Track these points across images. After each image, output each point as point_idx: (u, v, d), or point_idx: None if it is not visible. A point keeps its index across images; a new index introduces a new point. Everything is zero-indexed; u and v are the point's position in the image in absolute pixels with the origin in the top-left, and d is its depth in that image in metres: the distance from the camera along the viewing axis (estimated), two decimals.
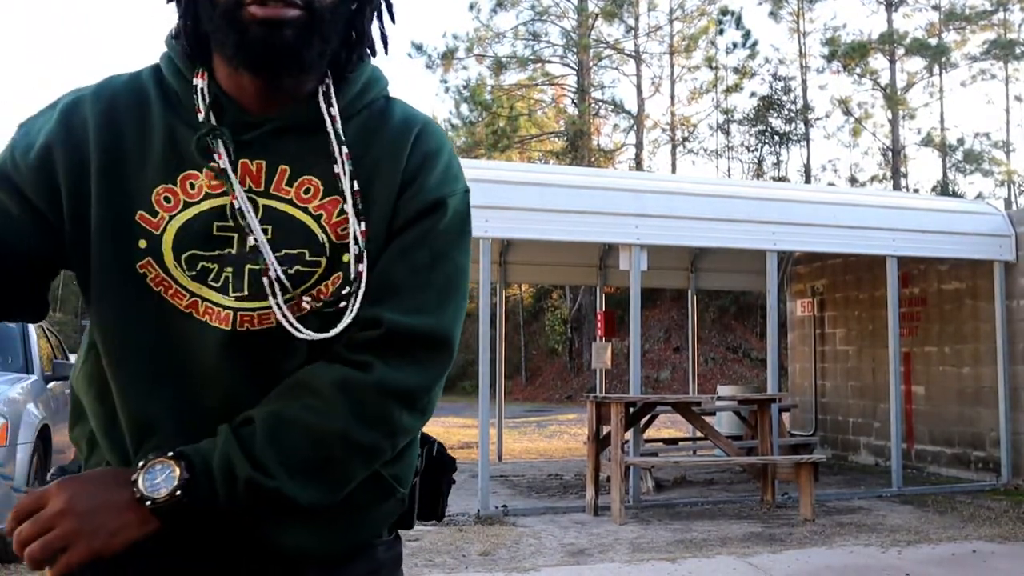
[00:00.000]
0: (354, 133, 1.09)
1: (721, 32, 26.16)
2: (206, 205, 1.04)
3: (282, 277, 1.03)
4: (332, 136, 1.07)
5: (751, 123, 26.84)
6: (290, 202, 1.05)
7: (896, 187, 25.13)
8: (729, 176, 27.14)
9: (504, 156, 23.49)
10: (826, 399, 10.93)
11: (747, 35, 25.83)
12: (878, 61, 25.27)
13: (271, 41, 0.98)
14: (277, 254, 1.04)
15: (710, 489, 8.27)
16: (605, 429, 6.88)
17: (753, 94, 27.43)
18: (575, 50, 25.12)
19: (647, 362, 21.52)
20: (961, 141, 26.49)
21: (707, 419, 8.10)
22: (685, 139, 27.84)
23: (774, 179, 25.99)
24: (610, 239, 7.84)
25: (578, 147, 23.86)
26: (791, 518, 6.71)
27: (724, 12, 25.75)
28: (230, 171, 1.03)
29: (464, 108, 25.18)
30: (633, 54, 25.96)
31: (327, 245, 1.05)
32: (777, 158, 28.01)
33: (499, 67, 24.89)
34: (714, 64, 26.58)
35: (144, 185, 1.04)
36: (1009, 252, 8.42)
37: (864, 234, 8.03)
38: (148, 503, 0.94)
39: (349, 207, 1.05)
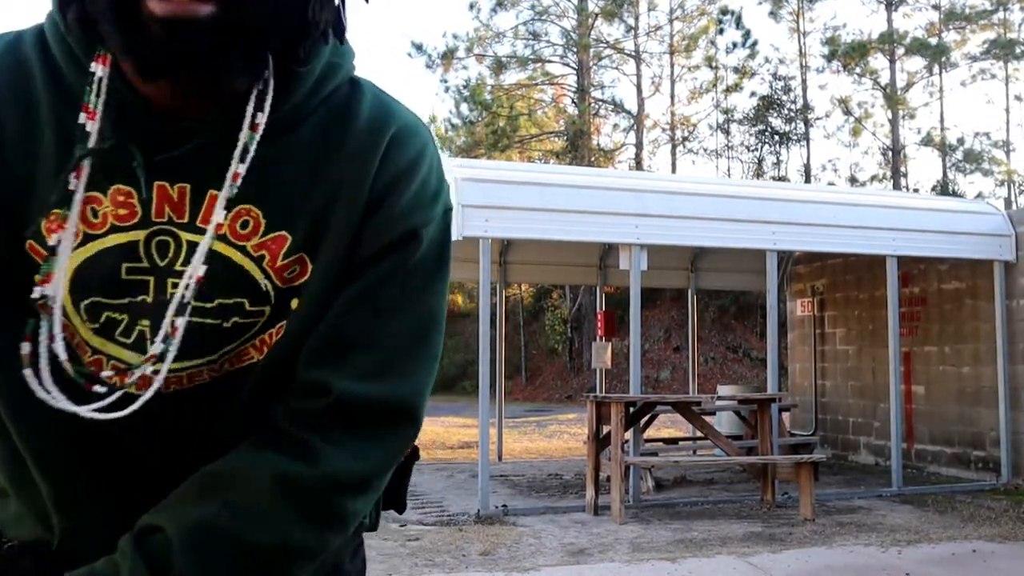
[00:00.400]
0: (311, 140, 0.84)
1: (721, 32, 26.17)
2: (112, 240, 0.80)
3: (176, 329, 0.80)
4: (237, 150, 0.79)
5: (751, 123, 26.84)
6: (223, 238, 0.82)
7: (896, 187, 25.13)
8: (729, 176, 27.14)
9: (504, 156, 23.49)
10: (826, 399, 10.93)
11: (747, 35, 25.85)
12: (878, 61, 25.29)
13: (174, 47, 0.71)
14: (208, 304, 0.82)
15: (710, 489, 8.27)
16: (605, 429, 6.88)
17: (753, 94, 27.46)
18: (575, 50, 25.12)
19: (647, 362, 21.52)
20: (961, 141, 26.50)
21: (707, 419, 8.10)
22: (685, 139, 27.85)
23: (774, 179, 25.99)
24: (610, 239, 7.84)
25: (578, 147, 23.86)
26: (791, 518, 6.71)
27: (724, 12, 25.75)
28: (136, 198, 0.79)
29: (464, 108, 25.20)
30: (633, 54, 25.96)
31: (271, 292, 0.83)
32: (777, 158, 28.02)
33: (499, 67, 24.89)
34: (714, 64, 26.59)
35: (32, 205, 0.79)
36: (1009, 252, 8.42)
37: (864, 234, 8.03)
38: None
39: (210, 232, 0.80)
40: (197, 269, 0.79)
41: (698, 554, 5.48)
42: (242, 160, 0.80)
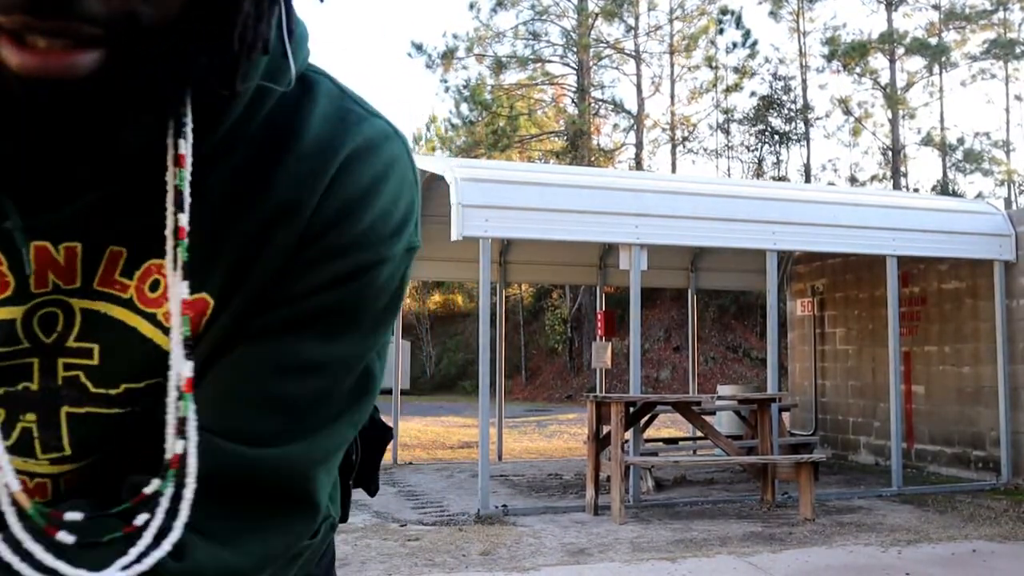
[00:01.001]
0: (239, 173, 0.64)
1: (721, 32, 26.18)
2: None
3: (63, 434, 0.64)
4: (170, 195, 0.60)
5: (751, 123, 26.85)
6: (128, 303, 0.63)
7: (896, 187, 25.13)
8: (729, 176, 27.14)
9: (504, 156, 23.49)
10: (826, 399, 10.93)
11: (747, 35, 25.86)
12: (878, 61, 25.29)
13: (42, 109, 0.52)
14: (113, 390, 0.64)
15: (710, 489, 8.27)
16: (605, 429, 6.88)
17: (753, 94, 27.45)
18: (575, 50, 25.12)
19: (647, 362, 21.53)
20: (961, 141, 26.50)
21: (707, 419, 8.10)
22: (685, 139, 27.85)
23: (774, 179, 26.00)
24: (610, 239, 7.84)
25: (578, 147, 23.87)
26: (791, 518, 6.71)
27: (724, 12, 25.76)
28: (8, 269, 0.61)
29: (464, 108, 25.21)
30: (633, 54, 25.97)
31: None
32: (777, 158, 28.02)
33: (499, 67, 24.89)
34: (714, 64, 26.59)
35: None
36: (1009, 252, 8.42)
37: (864, 234, 8.03)
38: None
39: (175, 312, 0.61)
40: (183, 370, 0.61)
41: (698, 554, 5.48)
42: (179, 206, 0.60)
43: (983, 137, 26.53)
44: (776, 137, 26.80)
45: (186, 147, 0.60)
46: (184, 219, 0.60)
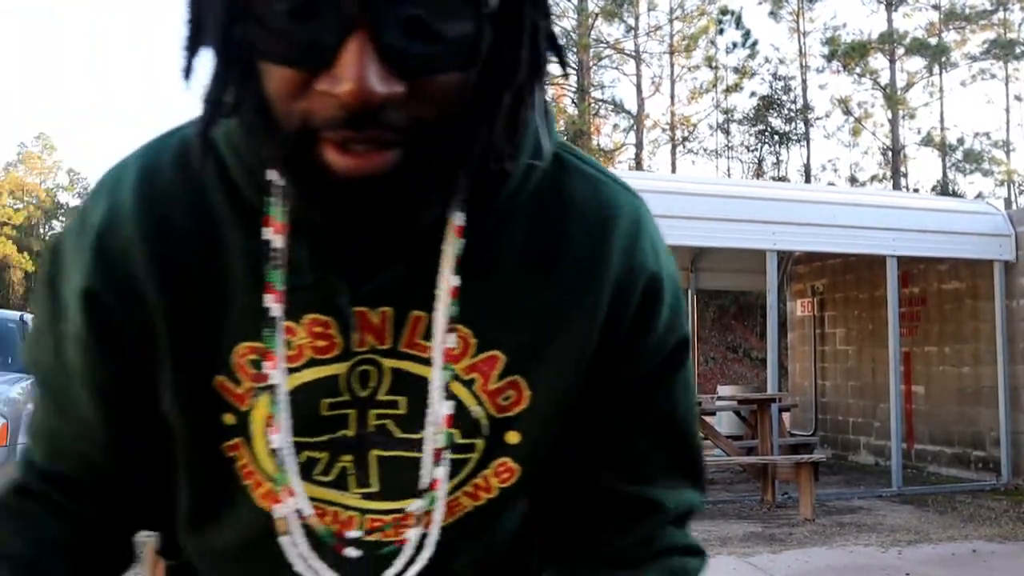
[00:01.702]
0: (520, 241, 0.73)
1: (721, 32, 26.18)
2: (310, 375, 0.71)
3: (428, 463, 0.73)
4: (448, 261, 0.70)
5: (751, 123, 26.86)
6: (428, 362, 0.72)
7: (896, 187, 25.13)
8: (729, 176, 27.15)
9: None
10: (826, 399, 10.93)
11: (747, 35, 25.86)
12: (878, 61, 25.29)
13: (358, 201, 0.62)
14: (413, 435, 0.73)
15: (710, 489, 8.27)
16: None
17: (753, 94, 27.45)
18: (575, 49, 25.11)
19: None
20: (961, 141, 26.51)
21: (707, 419, 8.10)
22: (685, 139, 27.85)
23: (774, 179, 26.00)
24: None
25: (578, 146, 23.87)
26: (791, 518, 6.71)
27: (724, 12, 25.76)
28: (339, 327, 0.71)
29: None
30: (633, 54, 25.97)
31: (483, 421, 0.74)
32: (777, 158, 28.04)
33: None
34: (714, 64, 26.59)
35: (221, 339, 0.71)
36: (1009, 252, 8.42)
37: (864, 234, 8.03)
38: None
39: (437, 362, 0.71)
40: (441, 409, 0.71)
41: None
42: (454, 270, 0.70)
43: (983, 137, 26.56)
44: (776, 137, 26.80)
45: (461, 219, 0.69)
46: (455, 280, 0.70)
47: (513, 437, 0.75)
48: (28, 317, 6.81)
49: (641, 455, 0.80)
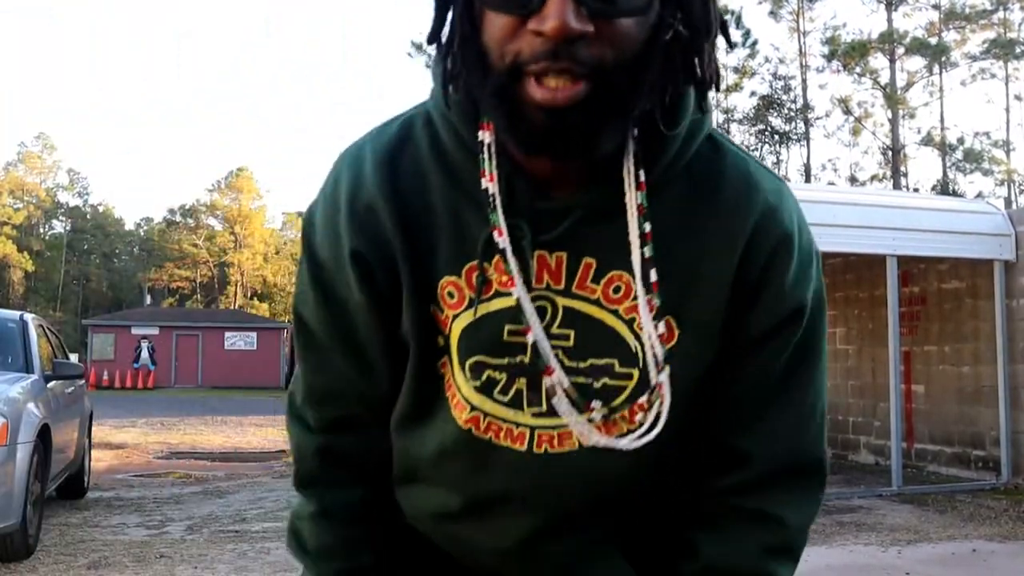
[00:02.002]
0: (677, 205, 0.87)
1: None
2: (496, 305, 0.86)
3: (566, 386, 0.86)
4: (633, 226, 0.84)
5: (751, 122, 26.85)
6: (596, 302, 0.86)
7: (896, 186, 25.14)
8: None
9: None
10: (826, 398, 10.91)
11: (747, 34, 25.83)
12: (878, 60, 25.31)
13: (553, 128, 0.76)
14: (581, 364, 0.87)
15: None
16: None
17: (753, 93, 27.46)
18: None
19: None
20: (961, 140, 26.53)
21: None
22: None
23: None
24: None
25: None
26: None
27: (724, 11, 25.71)
28: (514, 269, 0.84)
29: None
30: None
31: (639, 354, 0.87)
32: (777, 157, 28.04)
33: None
34: None
35: (431, 276, 0.88)
36: (1009, 251, 8.42)
37: (864, 233, 8.03)
38: None
39: (641, 303, 0.85)
40: (655, 330, 0.85)
41: None
42: (646, 219, 0.84)
43: (983, 137, 26.60)
44: (776, 137, 26.81)
45: (640, 196, 0.84)
46: (647, 226, 0.84)
47: (665, 367, 0.86)
48: (28, 317, 6.81)
49: (745, 408, 0.92)
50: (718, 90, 0.87)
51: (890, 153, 25.85)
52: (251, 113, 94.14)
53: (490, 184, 0.84)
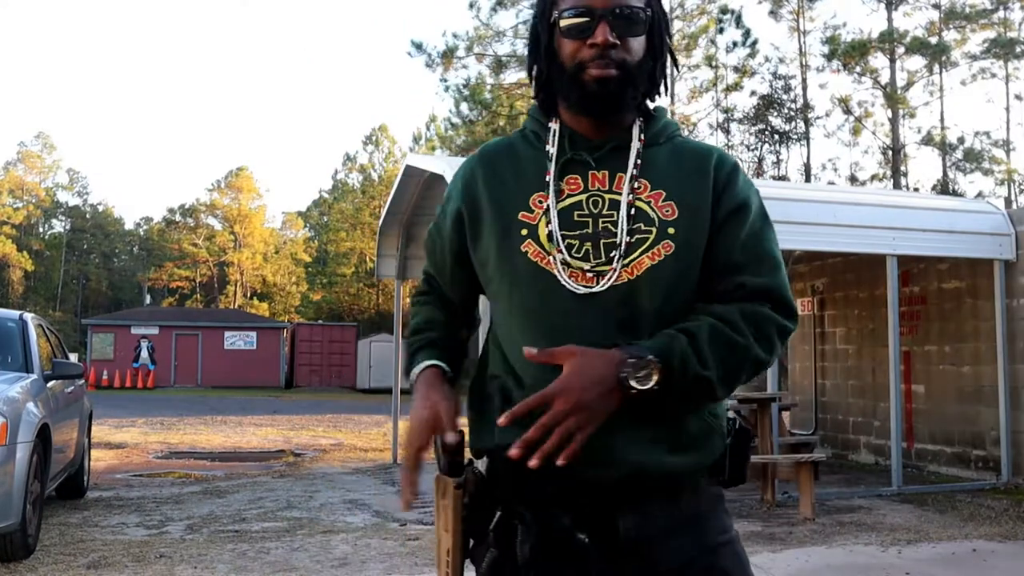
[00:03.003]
0: (667, 154, 1.51)
1: (721, 31, 26.12)
2: (569, 200, 1.47)
3: (622, 244, 1.42)
4: (632, 154, 1.48)
5: (751, 122, 26.83)
6: (627, 195, 1.46)
7: (896, 186, 25.13)
8: None
9: None
10: (826, 398, 10.93)
11: (747, 34, 25.78)
12: (878, 60, 25.27)
13: (601, 92, 1.43)
14: (620, 231, 1.44)
15: None
16: None
17: (753, 93, 27.39)
18: None
19: None
20: (961, 140, 26.49)
21: None
22: None
23: (774, 178, 25.98)
24: None
25: None
26: (791, 517, 6.70)
27: (724, 11, 25.71)
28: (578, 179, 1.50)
29: (464, 107, 25.15)
30: None
31: (656, 220, 1.44)
32: (777, 157, 28.02)
33: (499, 66, 24.86)
34: (714, 63, 26.55)
35: (524, 195, 1.49)
36: (1009, 251, 8.42)
37: (864, 233, 8.03)
38: (632, 391, 1.30)
39: (625, 192, 1.45)
40: (624, 212, 1.45)
41: None
42: (638, 158, 1.48)
43: (983, 136, 26.54)
44: (776, 136, 26.78)
45: (639, 141, 1.50)
46: (637, 159, 1.49)
47: (670, 229, 1.43)
48: (28, 316, 6.80)
49: (734, 261, 1.46)
50: (665, 93, 1.57)
51: (890, 153, 25.83)
52: (251, 113, 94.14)
53: (551, 149, 1.51)
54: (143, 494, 7.88)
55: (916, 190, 26.01)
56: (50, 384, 6.32)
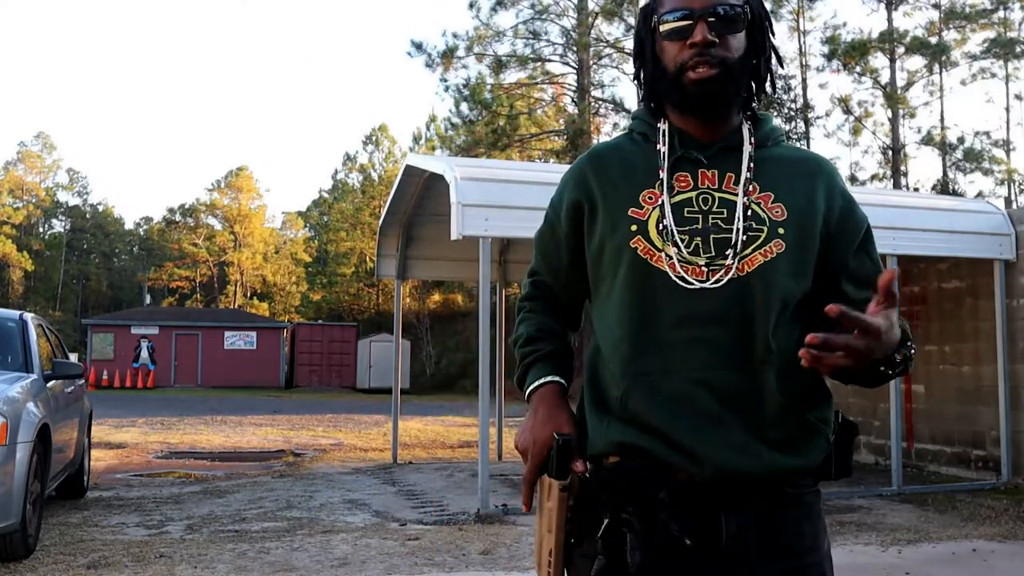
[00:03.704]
0: (775, 158, 1.55)
1: None
2: (679, 197, 1.49)
3: (737, 242, 1.45)
4: (745, 156, 1.52)
5: None
6: (737, 195, 1.49)
7: (896, 186, 25.13)
8: None
9: (504, 155, 23.46)
10: None
11: None
12: (878, 60, 25.25)
13: (703, 92, 1.46)
14: (731, 226, 1.47)
15: None
16: None
17: None
18: (575, 49, 25.09)
19: None
20: (961, 140, 26.46)
21: None
22: None
23: None
24: None
25: (578, 146, 23.82)
26: None
27: None
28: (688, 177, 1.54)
29: (464, 107, 25.14)
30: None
31: (767, 220, 1.48)
32: None
33: (499, 66, 24.86)
34: None
35: (633, 192, 1.51)
36: (1009, 251, 8.42)
37: None
38: (891, 368, 1.43)
39: (740, 192, 1.49)
40: (738, 211, 1.49)
41: None
42: (751, 160, 1.51)
43: (983, 136, 26.50)
44: None
45: (749, 143, 1.53)
46: (749, 167, 1.51)
47: (780, 229, 1.47)
48: (28, 316, 6.80)
49: (861, 273, 1.52)
50: (772, 91, 1.62)
51: (890, 153, 25.82)
52: (251, 113, 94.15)
53: (662, 148, 1.53)
54: (143, 494, 7.88)
55: (916, 190, 26.01)
56: (50, 384, 6.32)
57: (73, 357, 17.16)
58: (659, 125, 1.54)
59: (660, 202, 1.48)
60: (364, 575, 5.00)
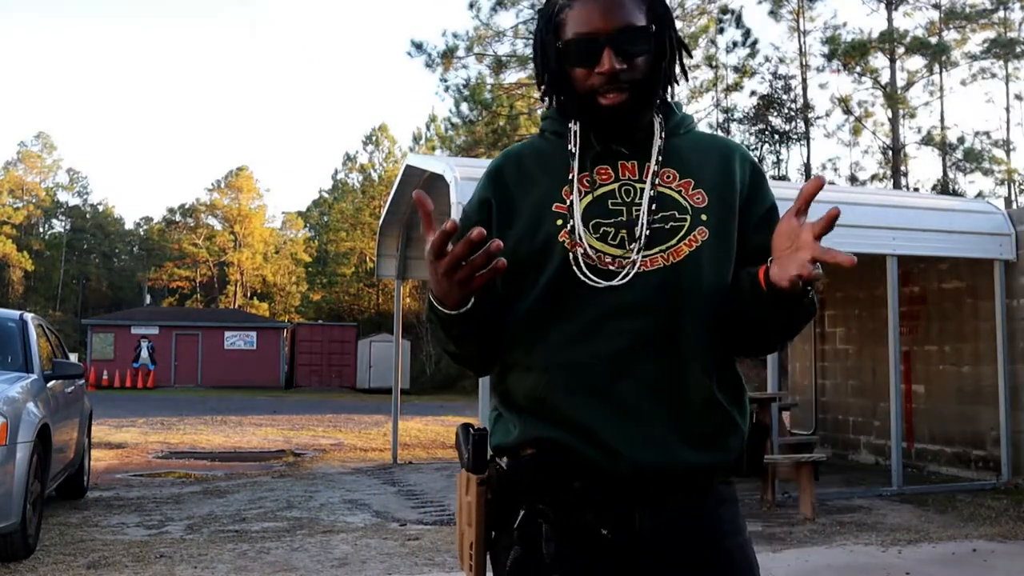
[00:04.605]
0: (689, 145, 1.56)
1: (721, 31, 26.13)
2: (602, 190, 1.50)
3: (647, 232, 1.45)
4: (655, 149, 1.52)
5: (751, 122, 26.83)
6: (657, 185, 1.50)
7: (896, 186, 25.13)
8: None
9: None
10: (826, 398, 10.93)
11: (747, 34, 25.80)
12: (878, 60, 25.25)
13: (616, 116, 1.46)
14: (656, 216, 1.47)
15: None
16: None
17: (753, 93, 27.39)
18: None
19: None
20: (961, 140, 26.47)
21: None
22: None
23: (774, 178, 25.96)
24: None
25: None
26: (791, 517, 6.70)
27: (724, 11, 25.72)
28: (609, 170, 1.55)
29: (464, 107, 25.13)
30: None
31: (689, 208, 1.48)
32: (777, 157, 28.03)
33: (499, 66, 24.85)
34: (714, 63, 26.56)
35: (555, 187, 1.51)
36: (1009, 251, 8.42)
37: (864, 233, 8.02)
38: (809, 289, 1.41)
39: (648, 184, 1.49)
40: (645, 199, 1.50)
41: None
42: (659, 152, 1.51)
43: (983, 136, 26.52)
44: (776, 136, 26.78)
45: (660, 137, 1.52)
46: (660, 150, 1.52)
47: (703, 216, 1.47)
48: (28, 316, 6.80)
49: (763, 250, 1.43)
50: (685, 81, 1.64)
51: (890, 153, 25.82)
52: (251, 113, 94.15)
53: (573, 148, 1.53)
54: (143, 494, 7.88)
55: (916, 190, 26.01)
56: (50, 384, 6.32)
57: (73, 357, 17.16)
58: (570, 125, 1.53)
59: (570, 201, 1.47)
60: (364, 575, 5.00)
